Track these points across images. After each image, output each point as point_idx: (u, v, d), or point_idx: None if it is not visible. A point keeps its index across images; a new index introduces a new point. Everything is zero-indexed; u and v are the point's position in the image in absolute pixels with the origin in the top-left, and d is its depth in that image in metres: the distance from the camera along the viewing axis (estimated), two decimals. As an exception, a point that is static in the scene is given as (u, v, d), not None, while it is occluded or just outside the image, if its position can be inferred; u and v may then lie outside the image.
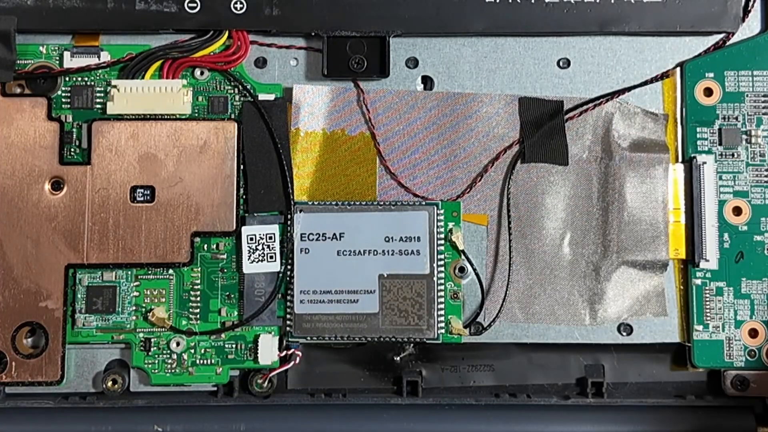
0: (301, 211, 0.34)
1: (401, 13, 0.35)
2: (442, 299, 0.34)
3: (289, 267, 0.34)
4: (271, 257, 0.34)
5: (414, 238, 0.34)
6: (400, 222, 0.34)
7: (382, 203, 0.34)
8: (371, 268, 0.34)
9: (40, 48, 0.35)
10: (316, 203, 0.35)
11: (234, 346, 0.35)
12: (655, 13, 0.35)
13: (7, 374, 0.34)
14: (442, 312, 0.34)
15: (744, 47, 0.36)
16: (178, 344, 0.34)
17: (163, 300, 0.34)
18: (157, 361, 0.34)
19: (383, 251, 0.34)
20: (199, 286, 0.35)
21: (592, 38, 0.36)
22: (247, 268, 0.34)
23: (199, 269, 0.35)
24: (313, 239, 0.34)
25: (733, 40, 0.36)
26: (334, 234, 0.34)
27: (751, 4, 0.36)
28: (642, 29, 0.35)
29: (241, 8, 0.35)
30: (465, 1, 0.35)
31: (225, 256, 0.35)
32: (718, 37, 0.36)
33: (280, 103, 0.35)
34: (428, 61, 0.36)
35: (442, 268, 0.34)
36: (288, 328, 0.34)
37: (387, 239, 0.34)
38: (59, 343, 0.34)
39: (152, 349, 0.34)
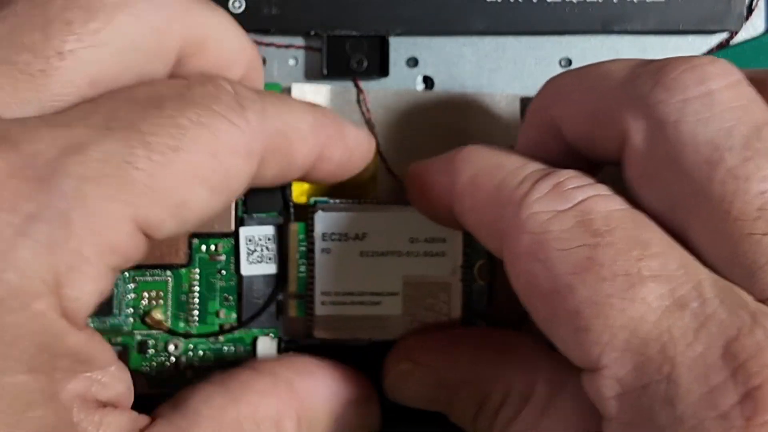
0: (321, 210, 0.33)
1: (401, 12, 0.35)
2: (466, 302, 0.34)
3: (310, 267, 0.33)
4: (270, 259, 0.34)
5: (439, 239, 0.33)
6: (426, 223, 0.32)
7: (406, 203, 0.33)
8: (395, 269, 0.33)
9: (37, 47, 0.35)
10: (337, 201, 0.33)
11: (232, 348, 0.34)
12: (658, 12, 0.35)
13: (3, 377, 0.33)
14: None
15: (747, 46, 0.36)
16: (175, 346, 0.34)
17: (161, 302, 0.34)
18: (154, 364, 0.34)
19: (407, 252, 0.33)
20: (197, 288, 0.34)
21: (594, 37, 0.36)
22: (246, 269, 0.34)
23: (198, 271, 0.34)
24: (335, 239, 0.33)
25: (737, 39, 0.36)
26: (357, 234, 0.33)
27: (754, 3, 0.36)
28: (645, 28, 0.35)
29: (240, 7, 0.35)
30: (466, 1, 0.35)
31: (223, 258, 0.34)
32: (721, 37, 0.36)
33: (279, 103, 0.35)
34: (429, 61, 0.36)
35: (468, 271, 0.34)
36: (308, 329, 0.34)
37: (412, 240, 0.33)
38: (55, 345, 0.34)
39: (149, 351, 0.34)
